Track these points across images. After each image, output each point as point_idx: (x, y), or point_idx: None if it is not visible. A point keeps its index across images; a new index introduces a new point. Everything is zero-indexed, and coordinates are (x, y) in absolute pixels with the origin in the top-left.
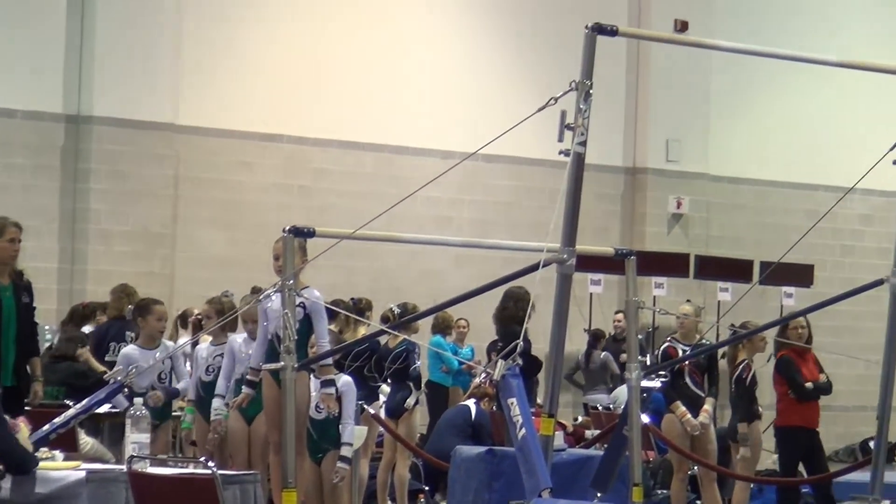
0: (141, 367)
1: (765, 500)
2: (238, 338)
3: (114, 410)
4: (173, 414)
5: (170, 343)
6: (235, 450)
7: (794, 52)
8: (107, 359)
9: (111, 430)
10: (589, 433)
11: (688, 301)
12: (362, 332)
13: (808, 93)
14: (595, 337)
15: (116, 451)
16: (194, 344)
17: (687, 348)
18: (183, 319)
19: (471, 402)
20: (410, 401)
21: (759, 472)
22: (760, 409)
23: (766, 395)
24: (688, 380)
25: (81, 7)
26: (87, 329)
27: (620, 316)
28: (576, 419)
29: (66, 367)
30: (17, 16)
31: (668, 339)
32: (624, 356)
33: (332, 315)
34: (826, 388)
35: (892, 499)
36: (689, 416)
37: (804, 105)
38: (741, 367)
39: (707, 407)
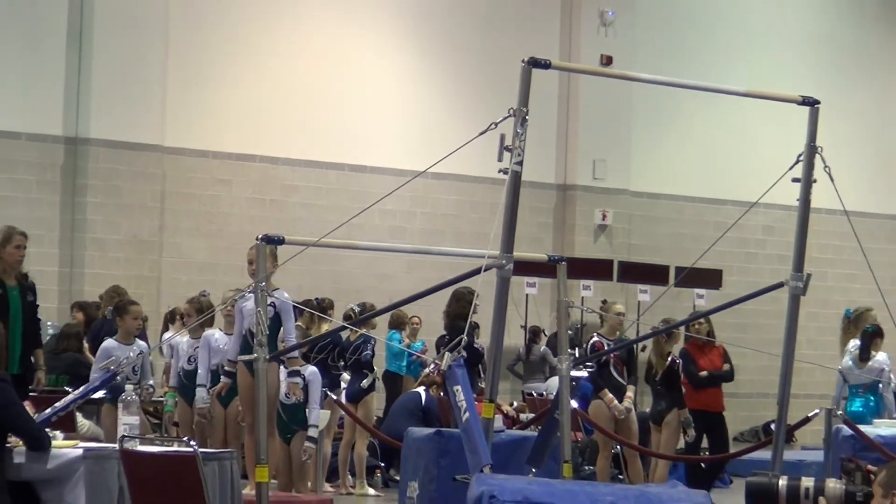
0: (119, 360)
1: (678, 475)
2: (214, 332)
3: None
4: (154, 399)
5: (142, 343)
6: (213, 431)
7: (705, 83)
8: None
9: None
10: (524, 416)
11: (615, 303)
12: (325, 327)
13: (718, 118)
14: (534, 333)
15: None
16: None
17: (611, 343)
18: (171, 316)
19: (421, 389)
20: (366, 382)
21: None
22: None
23: None
24: (612, 370)
25: (79, 42)
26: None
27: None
28: (511, 404)
29: (68, 358)
30: (22, 48)
31: (595, 334)
32: None
33: (299, 312)
34: (726, 376)
35: (789, 474)
36: (615, 401)
37: (714, 129)
38: (670, 359)
39: (629, 394)
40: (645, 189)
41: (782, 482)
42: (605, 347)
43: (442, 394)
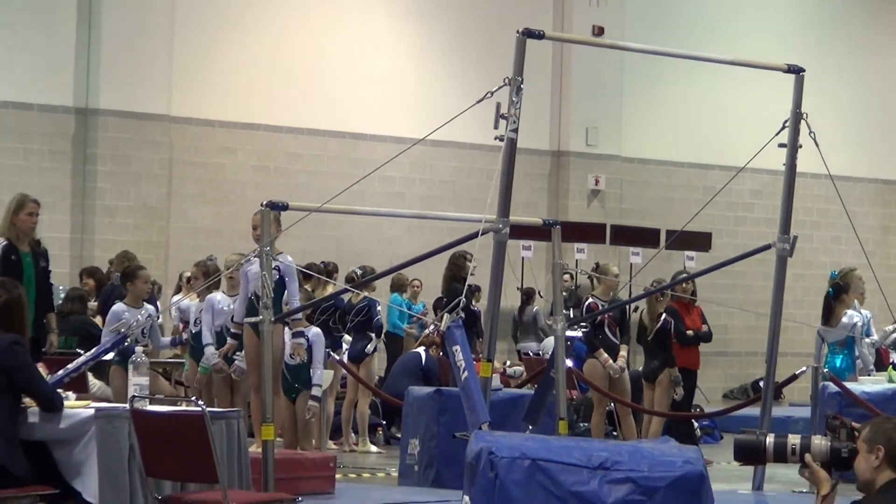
0: (129, 323)
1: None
2: (216, 295)
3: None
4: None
5: (150, 307)
6: (219, 392)
7: (694, 52)
8: None
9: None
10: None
11: (609, 265)
12: (329, 290)
13: (707, 86)
14: (528, 294)
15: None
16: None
17: (605, 304)
18: (189, 280)
19: (421, 350)
20: (370, 347)
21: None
22: None
23: None
24: (607, 330)
25: (89, 15)
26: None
27: (567, 277)
28: (505, 363)
29: (75, 321)
30: (34, 22)
31: (590, 295)
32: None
33: (305, 277)
34: (706, 337)
35: (777, 431)
36: (610, 361)
37: (703, 96)
38: (662, 319)
39: (623, 353)
40: (636, 155)
41: (769, 439)
42: (600, 308)
43: (441, 354)
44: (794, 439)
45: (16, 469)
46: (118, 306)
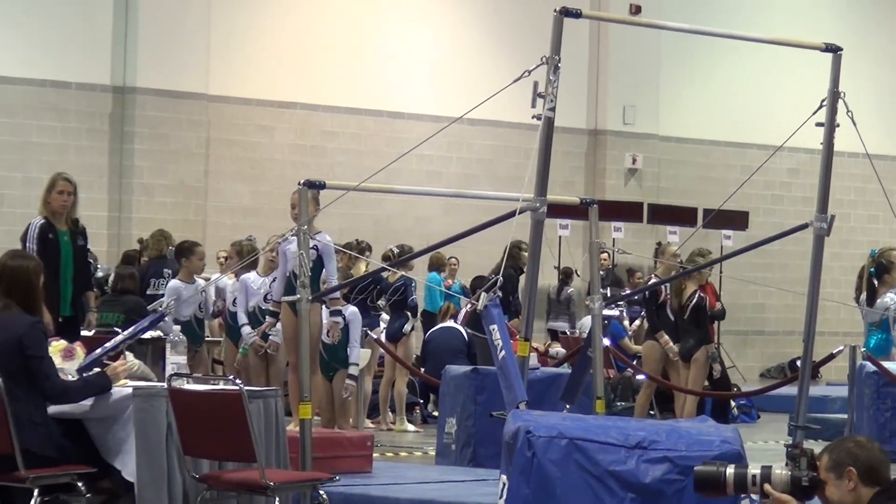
0: (183, 299)
1: (704, 409)
2: (251, 275)
3: (157, 336)
4: (207, 339)
5: (201, 281)
6: (255, 373)
7: (731, 30)
8: (148, 293)
9: (153, 353)
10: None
11: (670, 244)
12: (363, 268)
13: (744, 64)
14: (565, 274)
15: (158, 371)
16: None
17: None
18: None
19: (459, 326)
20: (408, 326)
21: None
22: None
23: None
24: (668, 311)
25: None
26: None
27: (604, 256)
28: (546, 343)
29: (128, 300)
30: (72, 1)
31: (652, 275)
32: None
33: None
34: (720, 315)
35: (814, 410)
36: (671, 343)
37: (740, 74)
38: (696, 296)
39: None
40: (673, 133)
41: (729, 470)
42: (664, 290)
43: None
44: (754, 469)
45: (44, 450)
46: (176, 283)
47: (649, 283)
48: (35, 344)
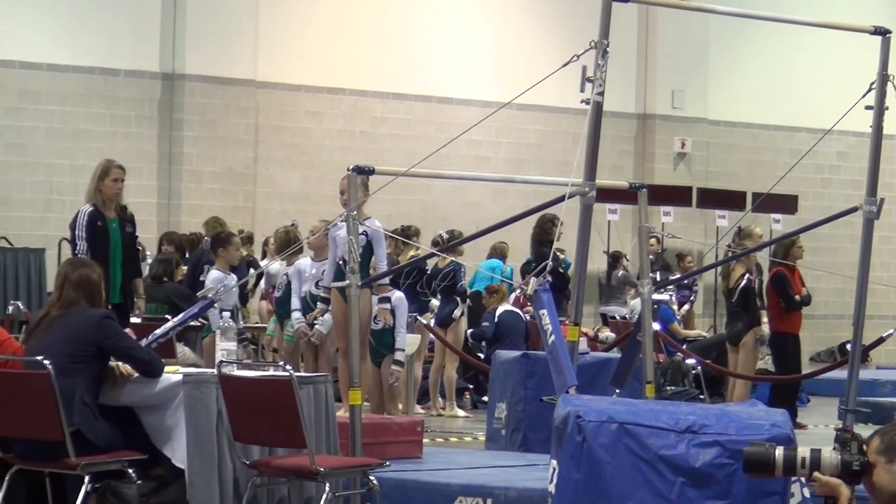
0: (227, 287)
1: (758, 394)
2: (304, 261)
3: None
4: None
5: (233, 275)
6: (305, 357)
7: (779, 14)
8: (201, 278)
9: (201, 340)
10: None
11: (752, 227)
12: (410, 254)
13: (793, 47)
14: (614, 258)
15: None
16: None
17: (749, 270)
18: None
19: (517, 309)
20: (457, 312)
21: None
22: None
23: None
24: (764, 297)
25: None
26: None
27: (653, 241)
28: (596, 328)
29: (169, 287)
30: None
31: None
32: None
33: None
34: (808, 300)
35: (864, 394)
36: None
37: (789, 58)
38: (744, 279)
39: (765, 319)
40: (722, 117)
41: (779, 452)
42: (755, 279)
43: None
44: (803, 451)
45: (94, 437)
46: (216, 273)
47: (745, 276)
48: (112, 330)
